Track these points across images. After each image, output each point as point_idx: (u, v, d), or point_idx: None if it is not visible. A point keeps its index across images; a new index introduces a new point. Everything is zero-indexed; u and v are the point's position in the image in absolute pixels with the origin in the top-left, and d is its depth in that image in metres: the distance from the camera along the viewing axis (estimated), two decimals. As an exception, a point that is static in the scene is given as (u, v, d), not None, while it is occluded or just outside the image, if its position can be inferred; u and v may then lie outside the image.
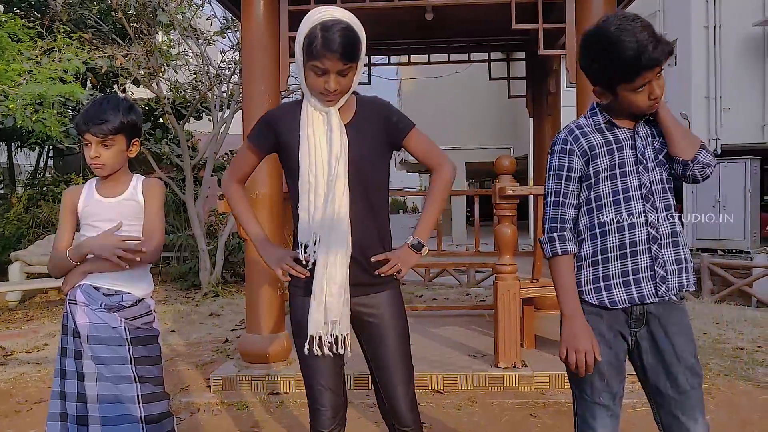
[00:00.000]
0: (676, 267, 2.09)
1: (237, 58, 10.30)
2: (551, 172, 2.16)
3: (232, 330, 6.68)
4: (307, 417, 2.33)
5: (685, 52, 18.68)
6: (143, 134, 10.32)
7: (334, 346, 2.17)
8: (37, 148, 12.73)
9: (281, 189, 4.84)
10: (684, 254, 2.12)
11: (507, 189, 4.48)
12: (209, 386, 4.61)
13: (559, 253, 2.12)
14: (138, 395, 2.43)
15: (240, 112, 6.17)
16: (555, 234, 2.13)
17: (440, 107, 22.70)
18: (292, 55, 4.88)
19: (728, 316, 7.01)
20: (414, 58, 7.53)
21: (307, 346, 2.17)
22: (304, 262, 2.18)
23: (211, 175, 10.67)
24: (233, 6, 5.26)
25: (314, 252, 2.15)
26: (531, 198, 6.20)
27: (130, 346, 2.46)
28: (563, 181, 2.13)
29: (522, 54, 7.45)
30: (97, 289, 2.46)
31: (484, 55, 7.43)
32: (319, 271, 2.13)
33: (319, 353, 2.18)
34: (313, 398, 2.28)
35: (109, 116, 2.41)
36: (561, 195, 2.13)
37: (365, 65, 7.67)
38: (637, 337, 2.14)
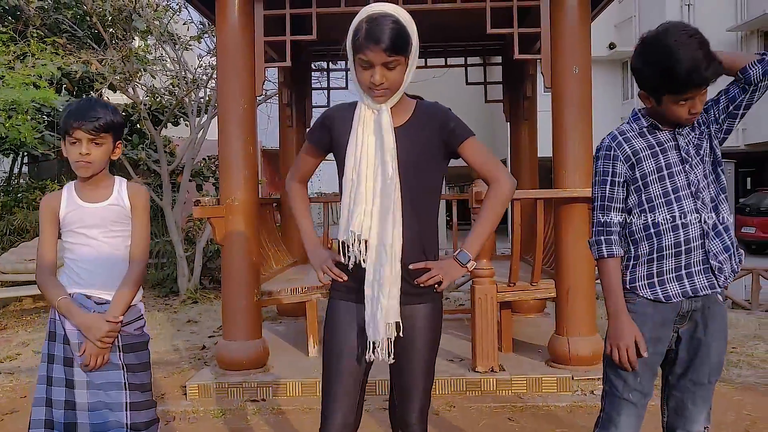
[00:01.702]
0: (726, 255, 2.19)
1: (214, 63, 10.23)
2: (597, 178, 2.25)
3: (209, 337, 6.62)
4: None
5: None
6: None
7: (385, 353, 2.15)
8: (11, 154, 12.55)
9: (257, 194, 4.83)
10: (732, 239, 2.21)
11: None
12: (185, 394, 4.56)
13: (605, 256, 2.21)
14: (126, 402, 2.43)
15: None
16: (602, 237, 2.22)
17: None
18: (267, 60, 4.87)
19: (704, 318, 7.07)
20: (391, 63, 7.52)
21: (370, 355, 2.15)
22: (347, 263, 2.16)
23: (189, 181, 10.58)
24: (208, 11, 5.24)
25: (360, 252, 2.12)
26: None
27: (122, 353, 2.47)
28: (608, 186, 2.22)
29: (499, 59, 7.49)
30: (88, 297, 2.45)
31: (461, 60, 7.46)
32: (373, 274, 2.11)
33: (374, 358, 2.16)
34: (327, 404, 2.24)
35: (100, 113, 2.41)
36: (607, 199, 2.22)
37: (344, 69, 7.71)
38: (678, 332, 2.22)
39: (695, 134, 2.21)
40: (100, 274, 2.46)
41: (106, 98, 11.00)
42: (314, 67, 7.60)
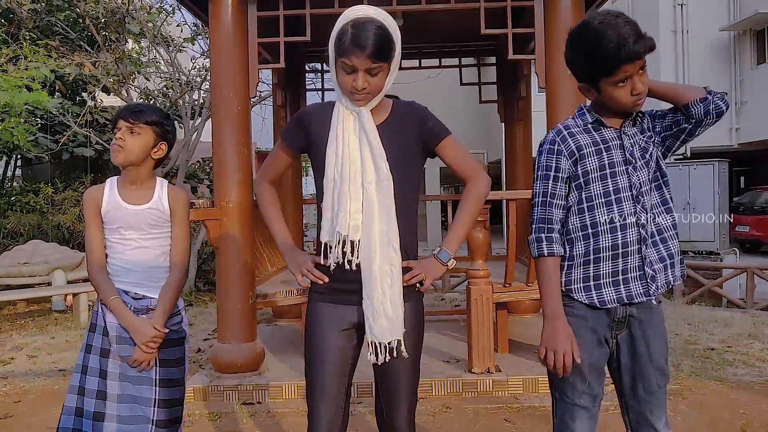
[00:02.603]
0: (661, 265, 2.12)
1: (208, 64, 10.22)
2: (539, 173, 2.16)
3: (204, 340, 6.59)
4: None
5: (654, 56, 18.48)
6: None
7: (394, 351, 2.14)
8: (3, 157, 12.51)
9: (251, 197, 4.80)
10: (672, 250, 2.14)
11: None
12: (181, 397, 4.54)
13: (545, 254, 2.12)
14: (155, 399, 2.46)
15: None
16: (543, 235, 2.13)
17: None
18: (261, 62, 4.85)
19: (699, 317, 7.09)
20: (385, 63, 7.51)
21: (371, 357, 2.14)
22: (328, 265, 2.15)
23: (184, 183, 10.57)
24: (202, 12, 5.22)
25: (345, 253, 2.10)
26: (504, 202, 6.23)
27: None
28: (551, 182, 2.13)
29: (493, 59, 7.49)
30: (126, 292, 2.50)
31: (455, 61, 7.46)
32: (380, 273, 2.09)
33: (379, 361, 2.15)
34: (312, 408, 2.24)
35: (144, 108, 2.52)
36: (549, 195, 2.13)
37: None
38: (617, 339, 2.16)
39: (642, 137, 2.14)
40: (135, 274, 2.52)
41: (99, 100, 11.00)
42: (308, 69, 7.59)
